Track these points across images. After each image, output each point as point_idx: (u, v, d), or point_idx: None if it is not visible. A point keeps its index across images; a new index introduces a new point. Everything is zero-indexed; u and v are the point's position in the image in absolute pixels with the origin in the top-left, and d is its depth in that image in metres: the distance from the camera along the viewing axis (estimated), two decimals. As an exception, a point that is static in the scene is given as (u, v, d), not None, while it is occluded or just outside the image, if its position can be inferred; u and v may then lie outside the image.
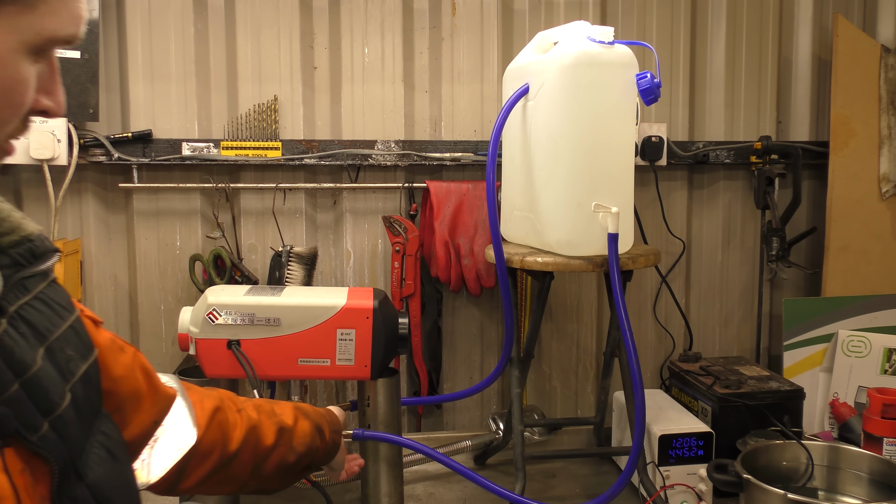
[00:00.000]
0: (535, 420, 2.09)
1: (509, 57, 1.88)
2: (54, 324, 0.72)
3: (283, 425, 1.18)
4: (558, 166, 1.58)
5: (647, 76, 1.53)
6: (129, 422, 0.88)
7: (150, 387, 0.93)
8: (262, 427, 1.14)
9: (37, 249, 0.72)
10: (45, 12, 0.62)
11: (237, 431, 1.10)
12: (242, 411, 1.14)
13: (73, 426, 0.70)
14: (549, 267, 1.61)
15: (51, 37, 0.64)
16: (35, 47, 0.63)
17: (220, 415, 1.09)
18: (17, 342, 0.66)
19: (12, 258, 0.69)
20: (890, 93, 2.13)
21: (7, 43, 0.60)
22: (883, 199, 2.14)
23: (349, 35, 2.04)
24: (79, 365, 0.74)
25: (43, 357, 0.69)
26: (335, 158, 2.00)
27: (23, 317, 0.68)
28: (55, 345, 0.71)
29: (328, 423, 1.29)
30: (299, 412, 1.24)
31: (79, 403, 0.72)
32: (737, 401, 1.79)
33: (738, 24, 2.18)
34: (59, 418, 0.68)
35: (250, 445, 1.12)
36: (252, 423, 1.13)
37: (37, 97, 0.66)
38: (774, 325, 2.27)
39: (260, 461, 1.15)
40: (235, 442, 1.09)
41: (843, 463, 1.61)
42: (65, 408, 0.70)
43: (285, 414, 1.21)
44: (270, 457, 1.16)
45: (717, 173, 2.23)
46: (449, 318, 2.14)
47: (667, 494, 1.67)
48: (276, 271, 1.92)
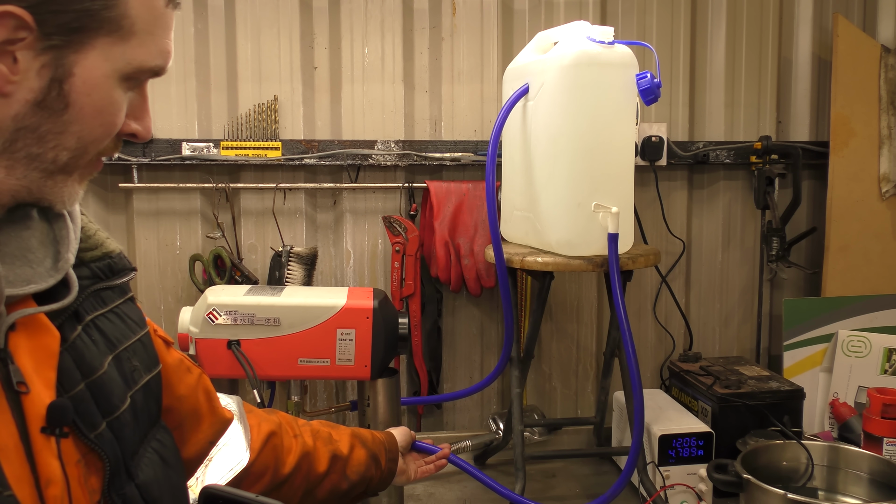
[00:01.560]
0: (535, 420, 2.09)
1: (509, 57, 1.88)
2: (125, 336, 0.80)
3: (338, 453, 1.22)
4: (558, 166, 1.58)
5: (647, 76, 1.53)
6: (187, 440, 0.95)
7: (209, 408, 1.00)
8: (316, 454, 1.19)
9: (115, 266, 0.81)
10: (135, 45, 0.70)
11: (290, 457, 1.15)
12: (298, 437, 1.18)
13: (129, 429, 0.77)
14: (549, 267, 1.61)
15: (140, 66, 0.71)
16: (126, 75, 0.71)
17: (276, 439, 1.14)
18: (89, 347, 0.74)
19: (92, 271, 0.78)
20: (890, 93, 2.13)
21: (102, 69, 0.69)
22: (883, 199, 2.14)
23: (349, 35, 2.04)
24: (142, 375, 0.82)
25: (110, 364, 0.76)
26: (335, 158, 2.00)
27: (97, 326, 0.77)
28: (123, 354, 0.79)
29: (385, 451, 1.31)
30: (356, 440, 1.27)
31: (137, 410, 0.79)
32: (737, 401, 1.79)
33: (738, 24, 2.18)
34: (116, 420, 0.75)
35: (303, 471, 1.16)
36: (306, 450, 1.18)
37: (127, 121, 0.74)
38: (774, 325, 2.27)
39: (312, 487, 1.19)
40: (288, 466, 1.14)
41: (843, 463, 1.61)
42: (123, 411, 0.76)
43: (342, 441, 1.24)
44: (322, 483, 1.20)
45: (717, 173, 2.23)
46: (449, 318, 2.14)
47: (667, 494, 1.67)
48: (276, 271, 1.92)
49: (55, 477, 0.66)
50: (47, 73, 0.66)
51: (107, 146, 0.74)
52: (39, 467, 0.65)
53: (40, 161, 0.69)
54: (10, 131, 0.66)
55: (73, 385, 0.71)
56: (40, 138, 0.68)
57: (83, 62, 0.67)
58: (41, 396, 0.67)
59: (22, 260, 0.70)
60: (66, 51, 0.66)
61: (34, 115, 0.67)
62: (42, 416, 0.66)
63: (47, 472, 0.66)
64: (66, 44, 0.66)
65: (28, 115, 0.66)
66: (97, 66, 0.68)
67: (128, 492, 0.75)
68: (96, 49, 0.68)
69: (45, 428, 0.66)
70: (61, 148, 0.69)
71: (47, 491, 0.66)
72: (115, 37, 0.68)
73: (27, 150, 0.68)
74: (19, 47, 0.64)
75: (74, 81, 0.67)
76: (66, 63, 0.67)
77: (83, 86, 0.68)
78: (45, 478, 0.66)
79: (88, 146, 0.71)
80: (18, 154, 0.68)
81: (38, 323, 0.69)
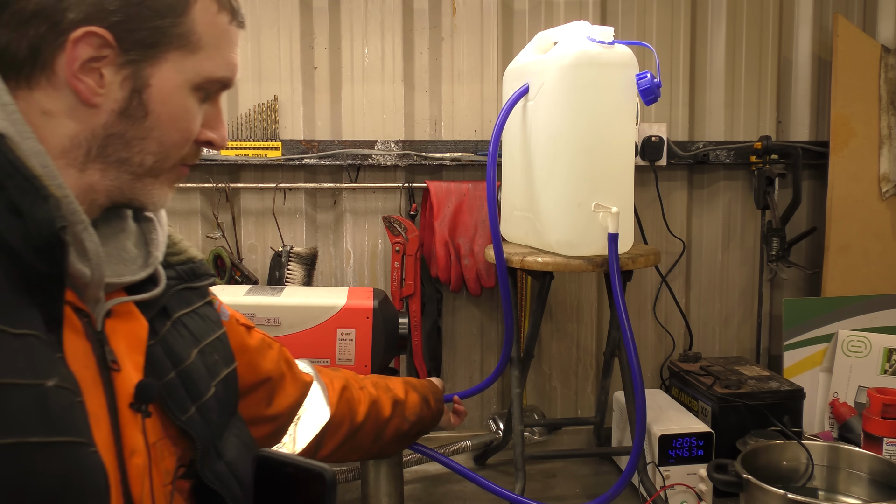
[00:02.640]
0: (535, 420, 2.09)
1: (509, 57, 1.88)
2: (206, 333, 0.91)
3: (397, 398, 1.39)
4: (558, 166, 1.58)
5: (647, 76, 1.53)
6: (276, 405, 1.12)
7: (291, 375, 1.17)
8: (380, 401, 1.35)
9: (197, 270, 0.92)
10: (202, 58, 0.79)
11: (361, 406, 1.31)
12: (364, 388, 1.34)
13: (214, 414, 0.87)
14: (549, 267, 1.61)
15: (208, 77, 0.80)
16: (196, 85, 0.79)
17: (347, 393, 1.29)
18: (177, 340, 0.84)
19: (177, 273, 0.89)
20: (890, 93, 2.13)
21: (175, 80, 0.77)
22: (883, 199, 2.14)
23: (349, 35, 2.04)
24: (222, 368, 0.92)
25: (196, 356, 0.86)
26: (335, 158, 2.00)
27: (184, 323, 0.87)
28: (206, 349, 0.89)
29: (432, 394, 1.50)
30: (408, 386, 1.44)
31: (220, 398, 0.89)
32: (737, 401, 1.79)
33: (738, 24, 2.17)
34: (204, 405, 0.85)
35: (372, 417, 1.33)
36: (372, 398, 1.33)
37: (203, 130, 0.83)
38: (774, 325, 2.27)
39: (380, 430, 1.35)
40: (360, 415, 1.30)
41: (843, 463, 1.61)
42: (209, 398, 0.86)
43: (397, 388, 1.41)
44: (388, 426, 1.37)
45: (717, 173, 2.23)
46: (449, 318, 2.14)
47: (667, 494, 1.67)
48: (276, 271, 1.92)
49: (139, 448, 0.74)
50: (128, 85, 0.75)
51: (188, 153, 0.83)
52: (125, 438, 0.73)
53: (129, 164, 0.78)
54: (101, 138, 0.75)
55: (164, 373, 0.81)
56: (127, 143, 0.77)
57: (158, 74, 0.76)
58: (130, 376, 0.76)
59: (117, 258, 0.80)
60: (143, 64, 0.75)
61: (120, 122, 0.76)
62: (130, 394, 0.75)
63: (132, 443, 0.74)
64: (143, 58, 0.75)
65: (115, 123, 0.75)
66: (170, 77, 0.77)
67: (219, 468, 0.85)
68: (169, 62, 0.76)
69: (133, 404, 0.75)
70: (146, 152, 0.78)
71: (131, 460, 0.73)
72: (185, 51, 0.77)
73: (117, 154, 0.77)
74: (104, 63, 0.73)
75: (152, 91, 0.76)
76: (143, 75, 0.75)
77: (159, 95, 0.77)
78: (130, 448, 0.73)
79: (169, 150, 0.80)
80: (110, 159, 0.77)
81: (131, 312, 0.79)
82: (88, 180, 0.76)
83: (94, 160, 0.76)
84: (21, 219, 0.66)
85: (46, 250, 0.67)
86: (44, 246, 0.67)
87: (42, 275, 0.67)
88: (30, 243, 0.66)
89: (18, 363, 0.63)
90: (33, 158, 0.70)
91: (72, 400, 0.67)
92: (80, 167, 0.75)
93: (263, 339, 1.12)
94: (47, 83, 0.73)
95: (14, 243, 0.66)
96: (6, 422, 0.61)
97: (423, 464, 1.93)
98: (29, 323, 0.66)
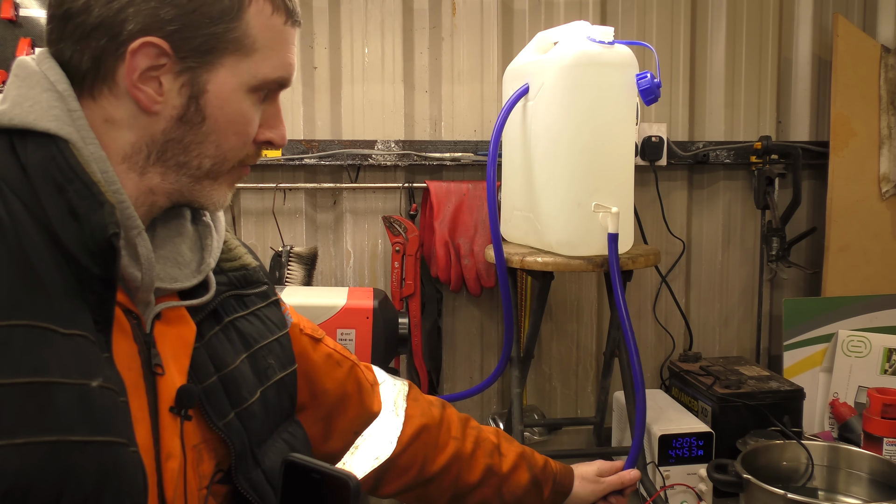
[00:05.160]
0: (535, 420, 2.09)
1: (509, 57, 1.88)
2: (262, 336, 0.90)
3: (496, 468, 1.20)
4: (558, 166, 1.58)
5: (647, 76, 1.53)
6: (333, 429, 1.07)
7: (358, 400, 1.10)
8: (471, 461, 1.19)
9: (250, 277, 0.92)
10: (258, 60, 0.79)
11: (442, 455, 1.17)
12: (458, 439, 1.19)
13: (258, 420, 0.86)
14: (549, 267, 1.61)
15: (264, 78, 0.80)
16: (253, 87, 0.79)
17: (427, 436, 1.16)
18: (223, 345, 0.84)
19: (229, 279, 0.89)
20: (890, 93, 2.13)
21: (231, 84, 0.78)
22: (883, 199, 2.14)
23: (349, 35, 2.04)
24: (276, 372, 0.91)
25: (244, 361, 0.86)
26: (335, 158, 2.00)
27: (236, 326, 0.87)
28: (259, 353, 0.89)
29: (553, 483, 1.27)
30: (523, 461, 1.24)
31: (269, 403, 0.88)
32: (737, 401, 1.79)
33: (738, 24, 2.17)
34: (245, 411, 0.84)
35: (452, 475, 1.18)
36: (460, 454, 1.18)
37: (262, 130, 0.83)
38: (774, 325, 2.27)
39: (460, 493, 1.19)
40: (436, 465, 1.16)
41: (843, 463, 1.61)
42: (252, 403, 0.85)
43: (507, 457, 1.23)
44: (473, 494, 1.20)
45: (717, 173, 2.23)
46: (449, 318, 2.14)
47: (667, 494, 1.67)
48: (276, 271, 1.92)
49: (175, 452, 0.75)
50: (186, 92, 0.76)
51: (247, 154, 0.83)
52: (163, 441, 0.74)
53: (188, 168, 0.79)
54: (161, 143, 0.77)
55: (206, 377, 0.81)
56: (185, 148, 0.78)
57: (215, 79, 0.77)
58: (174, 380, 0.76)
59: (172, 262, 0.81)
60: (200, 71, 0.76)
61: (178, 128, 0.77)
62: (172, 398, 0.75)
63: (169, 447, 0.74)
64: (200, 64, 0.76)
65: (173, 129, 0.77)
66: (227, 82, 0.77)
67: (254, 476, 0.84)
68: (225, 67, 0.77)
69: (173, 408, 0.75)
70: (204, 156, 0.79)
71: (167, 464, 0.74)
72: (240, 54, 0.77)
73: (176, 158, 0.78)
74: (162, 72, 0.74)
75: (209, 97, 0.77)
76: (200, 81, 0.76)
77: (216, 100, 0.77)
78: (167, 451, 0.74)
79: (227, 153, 0.81)
80: (169, 163, 0.78)
81: (180, 316, 0.80)
82: (148, 183, 0.78)
83: (154, 164, 0.77)
84: (78, 222, 0.68)
85: (100, 254, 0.69)
86: (97, 250, 0.69)
87: (95, 277, 0.69)
88: (85, 247, 0.68)
89: (66, 362, 0.65)
90: (94, 164, 0.72)
91: (115, 400, 0.68)
92: (140, 171, 0.77)
93: (332, 354, 1.07)
94: (109, 93, 0.75)
95: (70, 245, 0.68)
96: (50, 419, 0.63)
97: (423, 464, 1.93)
98: (79, 323, 0.68)
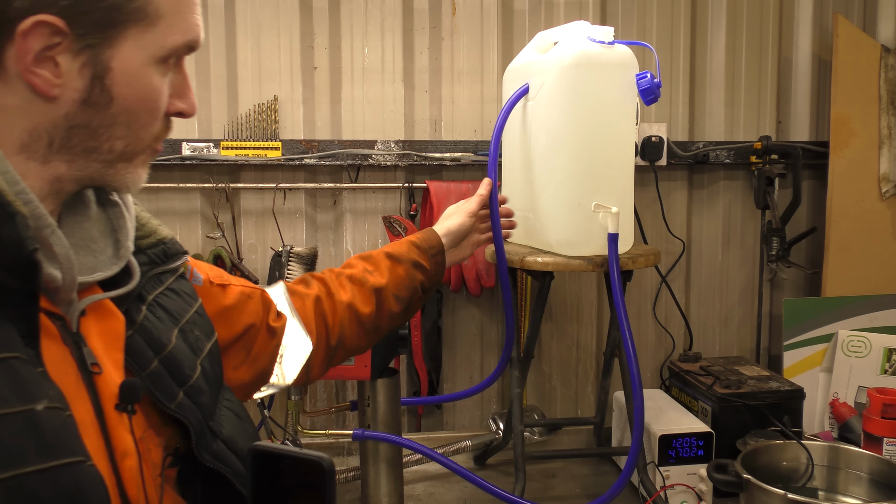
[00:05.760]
0: (535, 420, 2.09)
1: (509, 57, 1.88)
2: (184, 309, 0.87)
3: (377, 287, 1.28)
4: (558, 166, 1.58)
5: (647, 76, 1.53)
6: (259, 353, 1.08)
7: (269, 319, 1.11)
8: (356, 301, 1.25)
9: (169, 250, 0.87)
10: (164, 28, 0.73)
11: (335, 317, 1.23)
12: (335, 295, 1.24)
13: (204, 394, 0.84)
14: (549, 267, 1.61)
15: (173, 47, 0.74)
16: (161, 59, 0.74)
17: (319, 307, 1.22)
18: (156, 325, 0.80)
19: (149, 257, 0.84)
20: (890, 93, 2.13)
21: (138, 58, 0.72)
22: (883, 199, 2.14)
23: (349, 35, 2.04)
24: (205, 343, 0.89)
25: (177, 337, 0.83)
26: (335, 158, 2.00)
27: (160, 304, 0.83)
28: (186, 326, 0.86)
29: (426, 254, 1.37)
30: (391, 261, 1.32)
31: (208, 375, 0.86)
32: (737, 401, 1.79)
33: (738, 24, 2.17)
34: (191, 388, 0.82)
35: (353, 322, 1.25)
36: (347, 302, 1.24)
37: (171, 101, 0.78)
38: (774, 325, 2.27)
39: (369, 324, 1.27)
40: (335, 328, 1.23)
41: (843, 463, 1.61)
42: (196, 378, 0.83)
43: (378, 272, 1.30)
44: (378, 316, 1.28)
45: (717, 173, 2.23)
46: (449, 318, 2.14)
47: (667, 494, 1.67)
48: (276, 271, 1.92)
49: (130, 450, 0.72)
50: (88, 72, 0.69)
51: (158, 129, 0.78)
52: (114, 441, 0.71)
53: (98, 153, 0.73)
54: (64, 130, 0.70)
55: (147, 363, 0.77)
56: (93, 133, 0.72)
57: (119, 55, 0.70)
58: (112, 376, 0.72)
59: (86, 249, 0.75)
60: (102, 47, 0.69)
61: (83, 112, 0.70)
62: (115, 395, 0.72)
63: (122, 446, 0.71)
64: (100, 41, 0.69)
65: (78, 113, 0.70)
66: (133, 57, 0.71)
67: (216, 448, 0.82)
68: (129, 40, 0.71)
69: (119, 405, 0.72)
70: (115, 139, 0.73)
71: (123, 462, 0.71)
72: (144, 25, 0.71)
73: (83, 144, 0.72)
74: (58, 52, 0.67)
75: (114, 75, 0.70)
76: (103, 59, 0.70)
77: (122, 77, 0.71)
78: (121, 451, 0.71)
79: (140, 133, 0.75)
80: (76, 149, 0.72)
81: (105, 308, 0.75)
82: (53, 172, 0.72)
83: (59, 152, 0.71)
84: None
85: (16, 269, 0.64)
86: (13, 265, 0.64)
87: (14, 292, 0.64)
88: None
89: (3, 392, 0.61)
90: None
91: (62, 417, 0.65)
92: (41, 160, 0.71)
93: (242, 291, 1.07)
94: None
95: None
96: (2, 455, 0.59)
97: (423, 464, 1.93)
98: (6, 343, 0.63)
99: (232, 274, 1.92)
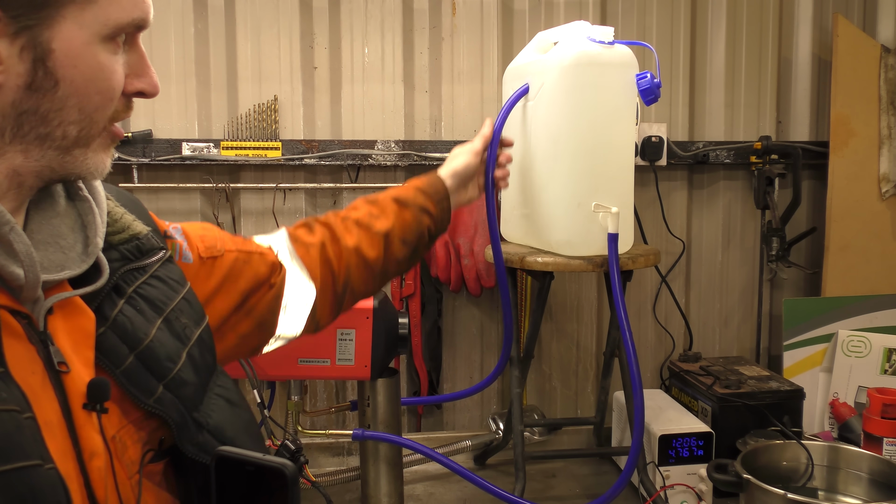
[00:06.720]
0: (535, 420, 2.09)
1: (509, 57, 1.88)
2: (170, 297, 0.84)
3: (383, 232, 1.24)
4: (558, 166, 1.58)
5: (647, 76, 1.53)
6: (258, 309, 1.04)
7: (272, 270, 1.08)
8: (363, 245, 1.22)
9: (143, 246, 0.84)
10: (105, 4, 0.69)
11: (341, 262, 1.19)
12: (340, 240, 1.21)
13: (189, 385, 0.81)
14: (549, 267, 1.61)
15: (117, 24, 0.71)
16: (106, 36, 0.70)
17: (325, 254, 1.18)
18: (132, 319, 0.77)
19: (121, 253, 0.81)
20: (890, 93, 2.13)
21: (80, 37, 0.68)
22: (883, 199, 2.14)
23: (349, 35, 2.04)
24: (193, 331, 0.85)
25: (160, 328, 0.80)
26: (335, 158, 2.00)
27: (141, 294, 0.80)
28: (171, 315, 0.82)
29: (433, 199, 1.32)
30: (398, 205, 1.28)
31: (196, 364, 0.83)
32: (737, 401, 1.79)
33: (738, 24, 2.18)
34: (173, 380, 0.79)
35: (360, 267, 1.21)
36: (353, 247, 1.21)
37: (130, 81, 0.74)
38: (774, 325, 2.27)
39: (376, 268, 1.24)
40: (342, 274, 1.19)
41: (843, 463, 1.61)
42: (179, 370, 0.80)
43: (384, 216, 1.26)
44: (385, 261, 1.25)
45: (717, 173, 2.23)
46: (449, 318, 2.14)
47: (667, 494, 1.67)
48: (276, 271, 1.92)
49: (98, 450, 0.70)
50: (28, 56, 0.67)
51: (116, 110, 0.74)
52: (82, 441, 0.69)
53: (51, 139, 0.70)
54: (13, 118, 0.68)
55: (121, 360, 0.75)
56: (43, 118, 0.69)
57: (59, 36, 0.67)
58: (81, 375, 0.70)
59: (54, 246, 0.73)
60: (40, 28, 0.66)
61: (29, 98, 0.68)
62: (83, 394, 0.70)
63: (90, 446, 0.69)
64: (37, 22, 0.66)
65: (24, 99, 0.68)
66: (74, 36, 0.68)
67: (201, 439, 0.79)
68: (67, 19, 0.67)
69: (87, 404, 0.70)
70: (67, 123, 0.70)
71: (91, 463, 0.69)
72: (82, 2, 0.68)
73: (35, 131, 0.69)
74: None
75: (56, 56, 0.68)
76: (42, 41, 0.67)
77: (66, 58, 0.68)
78: (89, 451, 0.69)
79: (93, 115, 0.72)
80: (29, 137, 0.69)
81: (74, 306, 0.72)
82: (10, 164, 0.69)
83: (12, 142, 0.69)
84: None
85: None
86: None
87: None
88: None
89: None
90: None
91: (18, 420, 0.62)
92: None
93: (238, 256, 1.03)
94: None
95: None
96: None
97: (423, 464, 1.93)
98: None
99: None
